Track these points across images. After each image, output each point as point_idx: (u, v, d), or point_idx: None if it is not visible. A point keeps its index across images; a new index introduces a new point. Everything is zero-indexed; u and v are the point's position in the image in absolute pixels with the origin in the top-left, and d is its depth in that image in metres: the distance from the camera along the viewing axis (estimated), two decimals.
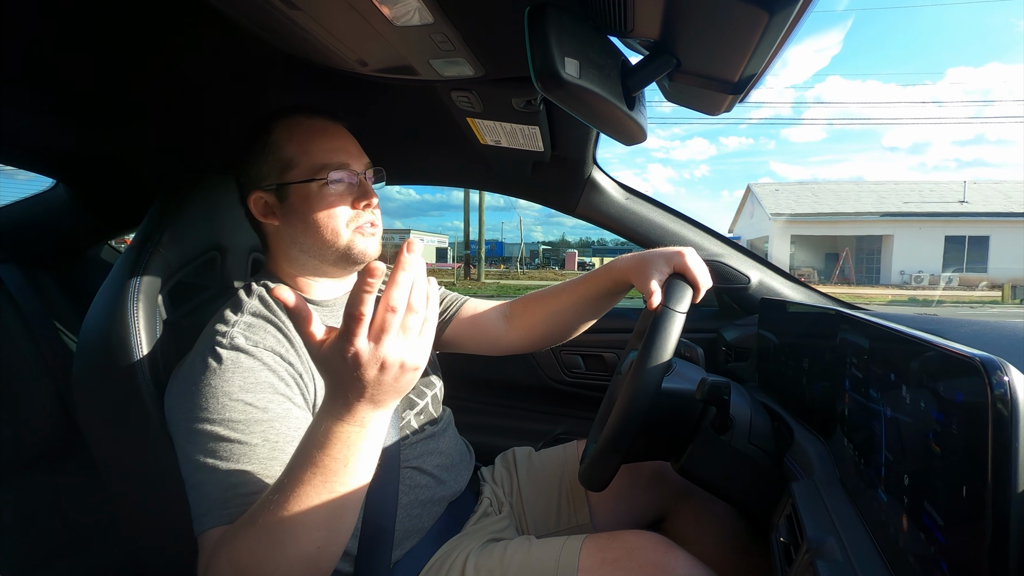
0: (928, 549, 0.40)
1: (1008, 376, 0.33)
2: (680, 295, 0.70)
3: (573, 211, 1.21)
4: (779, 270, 1.21)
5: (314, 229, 0.72)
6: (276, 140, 0.72)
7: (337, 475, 0.48)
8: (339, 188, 0.72)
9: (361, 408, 0.47)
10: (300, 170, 0.71)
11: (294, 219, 0.73)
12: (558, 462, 0.97)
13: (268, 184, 0.72)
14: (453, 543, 0.78)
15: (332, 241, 0.73)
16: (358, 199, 0.74)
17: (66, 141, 1.05)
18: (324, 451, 0.48)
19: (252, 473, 0.58)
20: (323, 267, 0.76)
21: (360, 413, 0.48)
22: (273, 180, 0.72)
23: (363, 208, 0.74)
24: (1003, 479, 0.33)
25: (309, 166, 0.71)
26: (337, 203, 0.72)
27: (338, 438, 0.48)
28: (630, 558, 0.67)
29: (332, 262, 0.75)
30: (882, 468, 0.50)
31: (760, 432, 0.72)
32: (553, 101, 0.52)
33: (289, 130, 0.73)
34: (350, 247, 0.74)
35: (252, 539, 0.50)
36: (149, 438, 0.67)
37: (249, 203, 0.74)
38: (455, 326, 0.96)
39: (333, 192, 0.72)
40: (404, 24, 0.55)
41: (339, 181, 0.72)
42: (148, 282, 0.72)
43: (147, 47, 0.73)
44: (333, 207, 0.72)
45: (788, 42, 0.45)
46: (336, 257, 0.74)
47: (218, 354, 0.62)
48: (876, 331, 0.55)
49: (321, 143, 0.73)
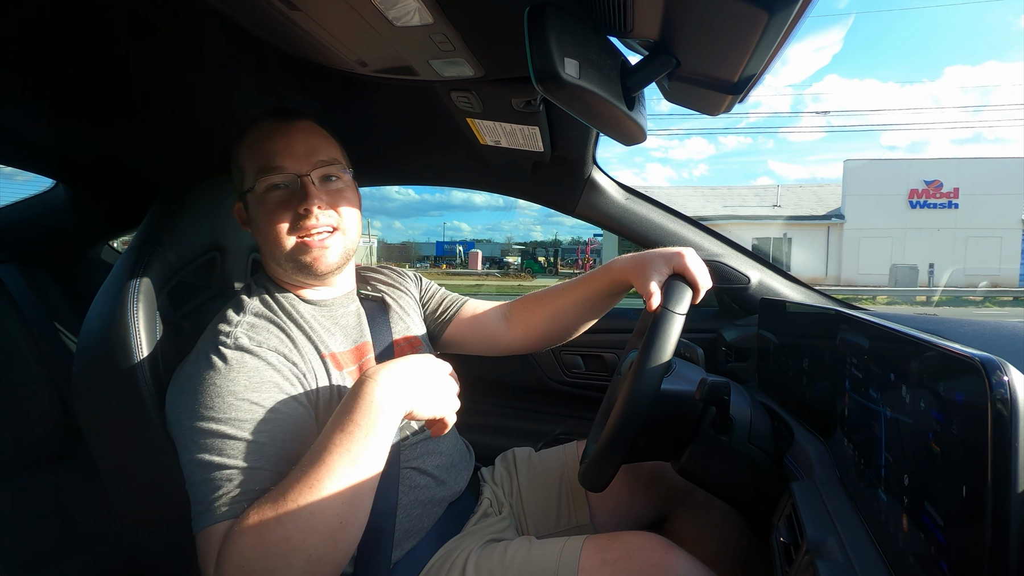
0: (928, 549, 0.40)
1: (1008, 376, 0.33)
2: (679, 296, 0.70)
3: (573, 211, 1.21)
4: (779, 270, 1.21)
5: (263, 238, 0.71)
6: (238, 149, 0.73)
7: (359, 445, 0.55)
8: (277, 194, 0.69)
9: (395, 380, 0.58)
10: (247, 178, 0.71)
11: (254, 228, 0.73)
12: (558, 462, 0.97)
13: (239, 193, 0.74)
14: (453, 543, 0.78)
15: (278, 250, 0.70)
16: (299, 203, 0.69)
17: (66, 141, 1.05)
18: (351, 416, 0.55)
19: (260, 470, 0.58)
20: (294, 277, 0.74)
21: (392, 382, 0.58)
22: (239, 188, 0.74)
23: (302, 212, 0.69)
24: (1003, 479, 0.33)
25: (251, 172, 0.71)
26: (276, 210, 0.69)
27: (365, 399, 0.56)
28: (630, 559, 0.67)
29: (292, 271, 0.73)
30: (882, 468, 0.50)
31: (760, 432, 0.72)
32: (553, 101, 0.52)
33: (247, 137, 0.73)
34: (295, 256, 0.70)
35: (283, 513, 0.52)
36: (149, 438, 0.67)
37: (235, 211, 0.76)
38: (455, 326, 0.96)
39: (272, 198, 0.69)
40: (404, 24, 0.55)
41: (276, 187, 0.69)
42: (148, 282, 0.72)
43: (147, 47, 0.73)
44: (272, 214, 0.69)
45: (788, 42, 0.45)
46: (291, 267, 0.72)
47: (223, 354, 0.62)
48: (876, 331, 0.55)
49: (262, 147, 0.70)
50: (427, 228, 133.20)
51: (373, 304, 0.85)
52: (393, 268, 0.98)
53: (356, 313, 0.81)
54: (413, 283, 0.97)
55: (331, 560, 0.55)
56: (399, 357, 0.83)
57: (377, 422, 0.56)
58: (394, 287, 0.92)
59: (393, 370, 0.59)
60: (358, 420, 0.55)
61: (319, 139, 0.74)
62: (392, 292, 0.91)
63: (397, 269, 0.98)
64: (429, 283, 1.00)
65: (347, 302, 0.81)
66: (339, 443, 0.55)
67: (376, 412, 0.56)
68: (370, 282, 0.91)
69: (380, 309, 0.85)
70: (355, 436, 0.55)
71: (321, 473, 0.53)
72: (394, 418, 0.57)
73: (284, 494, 0.53)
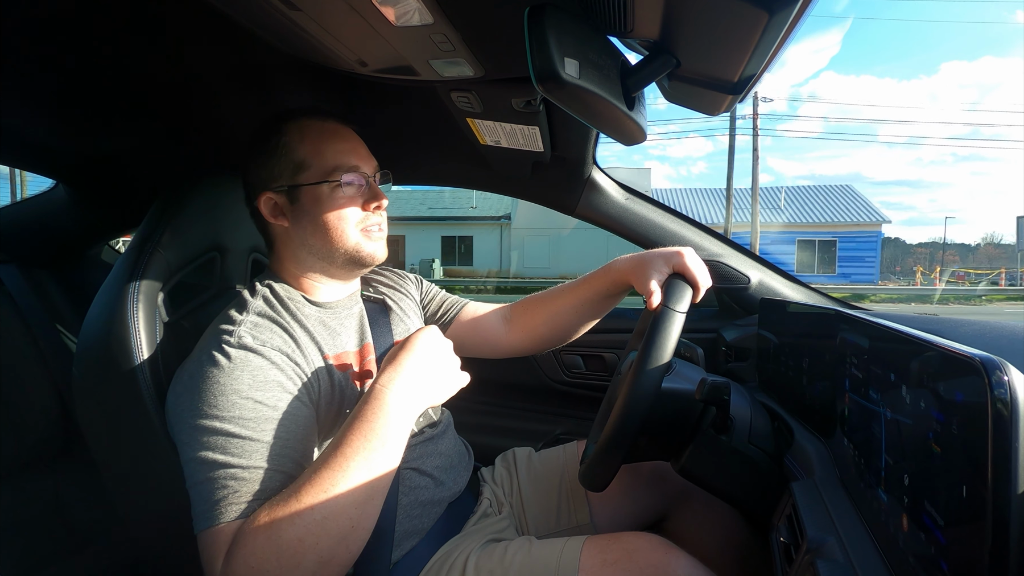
0: (928, 549, 0.40)
1: (1008, 376, 0.33)
2: (680, 295, 0.70)
3: (573, 211, 1.21)
4: (779, 270, 1.21)
5: (324, 231, 0.73)
6: (288, 142, 0.72)
7: (376, 451, 0.58)
8: (350, 190, 0.73)
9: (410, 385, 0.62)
10: (312, 172, 0.72)
11: (304, 220, 0.73)
12: (558, 462, 0.97)
13: (279, 185, 0.72)
14: (453, 544, 0.78)
15: (341, 243, 0.73)
16: (368, 201, 0.75)
17: (66, 141, 1.05)
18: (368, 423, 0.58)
19: (263, 469, 0.58)
20: (330, 269, 0.77)
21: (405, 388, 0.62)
22: (285, 181, 0.72)
23: (373, 210, 0.75)
24: (1003, 479, 0.33)
25: (321, 168, 0.72)
26: (347, 205, 0.73)
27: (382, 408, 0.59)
28: (631, 559, 0.67)
29: (340, 264, 0.76)
30: (882, 468, 0.50)
31: (760, 432, 0.72)
32: (553, 101, 0.52)
33: (301, 132, 0.73)
34: (358, 249, 0.75)
35: (297, 515, 0.54)
36: (149, 438, 0.67)
37: (259, 204, 0.74)
38: (455, 329, 0.96)
39: (344, 194, 0.73)
40: (404, 24, 0.55)
41: (351, 183, 0.73)
42: (148, 283, 0.72)
43: (147, 47, 0.73)
44: (343, 209, 0.73)
45: (788, 42, 0.45)
46: (344, 259, 0.75)
47: (227, 352, 0.62)
48: (876, 331, 0.55)
49: (333, 145, 0.73)
50: None
51: (375, 306, 0.85)
52: (394, 270, 0.98)
53: (359, 315, 0.81)
54: (414, 285, 0.97)
55: (340, 561, 0.56)
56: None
57: (394, 429, 0.60)
58: (395, 289, 0.93)
59: (405, 374, 0.63)
60: (376, 428, 0.59)
61: (366, 146, 0.79)
62: (393, 294, 0.91)
63: (398, 271, 0.98)
64: (430, 286, 1.01)
65: (351, 304, 0.81)
66: (355, 448, 0.57)
67: (394, 420, 0.60)
68: (372, 284, 0.91)
69: (382, 311, 0.85)
70: (372, 444, 0.58)
71: (336, 477, 0.56)
72: (410, 422, 0.62)
73: (298, 496, 0.55)
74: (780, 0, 0.39)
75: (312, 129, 0.73)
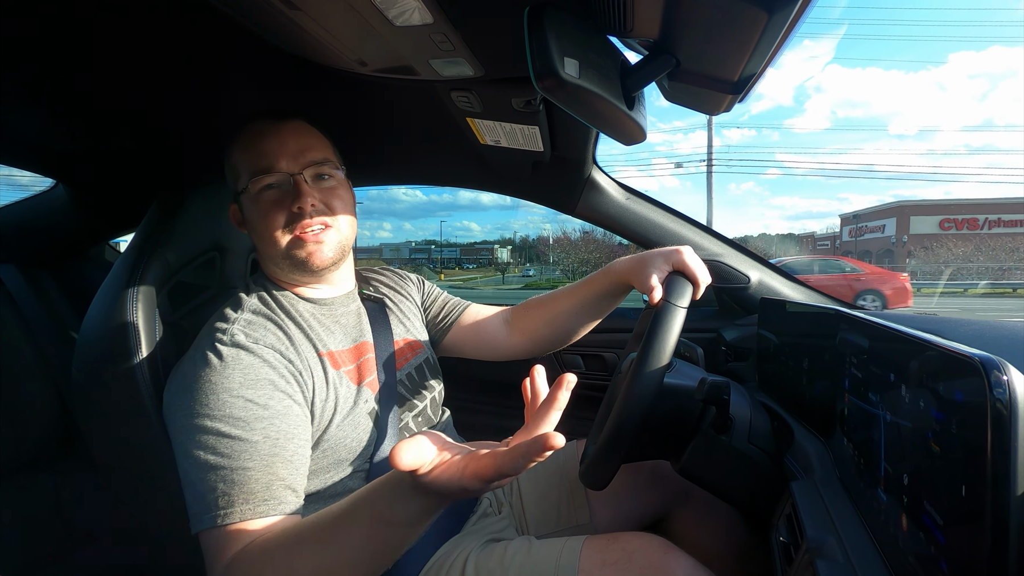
0: (928, 549, 0.40)
1: (1008, 376, 0.33)
2: (680, 290, 0.70)
3: (573, 211, 1.21)
4: (779, 270, 1.21)
5: (259, 237, 0.72)
6: (231, 151, 0.74)
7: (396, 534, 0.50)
8: (271, 193, 0.70)
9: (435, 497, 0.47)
10: (242, 178, 0.72)
11: (250, 229, 0.74)
12: (558, 462, 0.97)
13: (234, 195, 0.74)
14: (453, 543, 0.78)
15: (274, 248, 0.71)
16: (293, 201, 0.70)
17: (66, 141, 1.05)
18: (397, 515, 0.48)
19: (252, 470, 0.58)
20: (291, 274, 0.75)
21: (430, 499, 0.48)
22: (232, 191, 0.74)
23: (296, 210, 0.69)
24: (1002, 479, 0.33)
25: (245, 174, 0.71)
26: (271, 209, 0.70)
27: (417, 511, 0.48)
28: (630, 559, 0.67)
29: (287, 269, 0.74)
30: (882, 468, 0.50)
31: (760, 432, 0.72)
32: (553, 101, 0.52)
33: (240, 138, 0.73)
34: (291, 254, 0.71)
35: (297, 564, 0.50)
36: (148, 438, 0.67)
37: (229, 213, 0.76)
38: (456, 332, 0.96)
39: (267, 198, 0.70)
40: (404, 24, 0.55)
41: (270, 187, 0.70)
42: (148, 282, 0.72)
43: (147, 47, 0.73)
44: (267, 213, 0.70)
45: (787, 42, 0.45)
46: (287, 264, 0.73)
47: (218, 351, 0.62)
48: (876, 331, 0.55)
49: (254, 147, 0.71)
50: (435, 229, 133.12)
51: (374, 305, 0.85)
52: (395, 271, 0.98)
53: (357, 312, 0.81)
54: (415, 287, 0.97)
55: None
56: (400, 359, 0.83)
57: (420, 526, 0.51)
58: (395, 290, 0.93)
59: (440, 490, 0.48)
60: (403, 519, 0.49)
61: (311, 138, 0.74)
62: (393, 295, 0.91)
63: (399, 272, 0.98)
64: (431, 288, 1.00)
65: (348, 301, 0.81)
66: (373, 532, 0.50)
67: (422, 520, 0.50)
68: (371, 283, 0.91)
69: (381, 310, 0.85)
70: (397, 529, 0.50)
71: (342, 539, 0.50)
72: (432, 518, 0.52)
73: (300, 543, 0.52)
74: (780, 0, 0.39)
75: (245, 133, 0.73)
